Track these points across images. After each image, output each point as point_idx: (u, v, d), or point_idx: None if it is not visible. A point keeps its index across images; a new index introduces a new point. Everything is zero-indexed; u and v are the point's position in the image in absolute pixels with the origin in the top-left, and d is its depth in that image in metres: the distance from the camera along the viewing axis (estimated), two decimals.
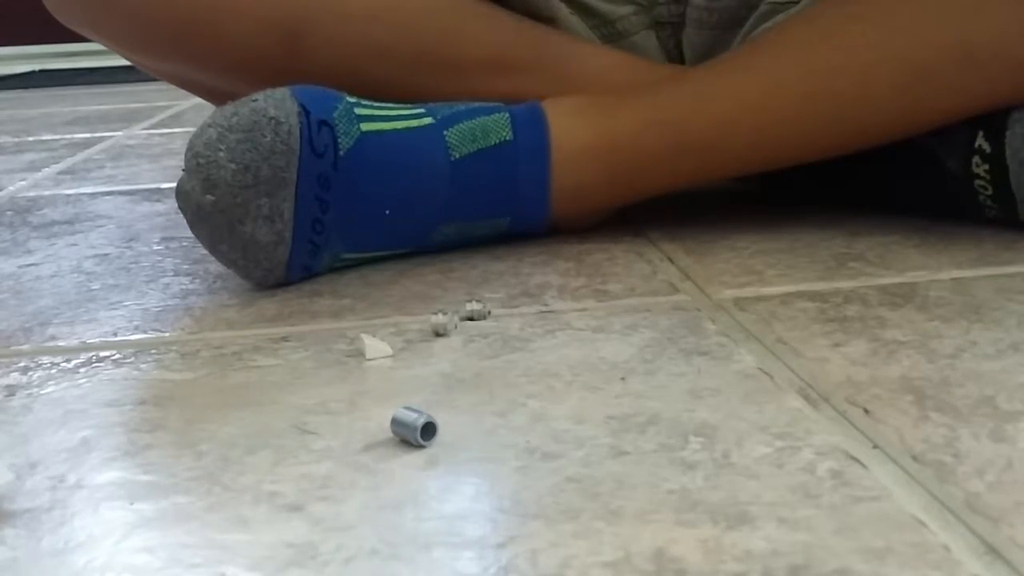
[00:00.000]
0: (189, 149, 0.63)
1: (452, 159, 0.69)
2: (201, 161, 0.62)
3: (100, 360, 0.56)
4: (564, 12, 0.78)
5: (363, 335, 0.55)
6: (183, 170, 0.63)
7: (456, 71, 0.73)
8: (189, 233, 0.65)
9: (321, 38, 0.71)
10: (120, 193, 1.05)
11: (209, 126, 0.63)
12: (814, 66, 0.68)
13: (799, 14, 0.71)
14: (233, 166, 0.62)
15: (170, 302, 0.66)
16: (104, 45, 0.81)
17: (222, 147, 0.62)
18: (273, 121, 0.63)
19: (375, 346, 0.54)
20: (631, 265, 0.68)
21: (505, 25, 0.75)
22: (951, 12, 0.65)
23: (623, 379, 0.49)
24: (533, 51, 0.75)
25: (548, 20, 0.78)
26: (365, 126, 0.67)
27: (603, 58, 0.76)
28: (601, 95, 0.72)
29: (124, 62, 0.84)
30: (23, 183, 1.15)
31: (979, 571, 0.32)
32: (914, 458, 0.40)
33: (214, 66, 0.67)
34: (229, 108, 0.63)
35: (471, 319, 0.58)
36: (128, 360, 0.55)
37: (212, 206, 0.62)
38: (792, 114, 0.68)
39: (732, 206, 0.83)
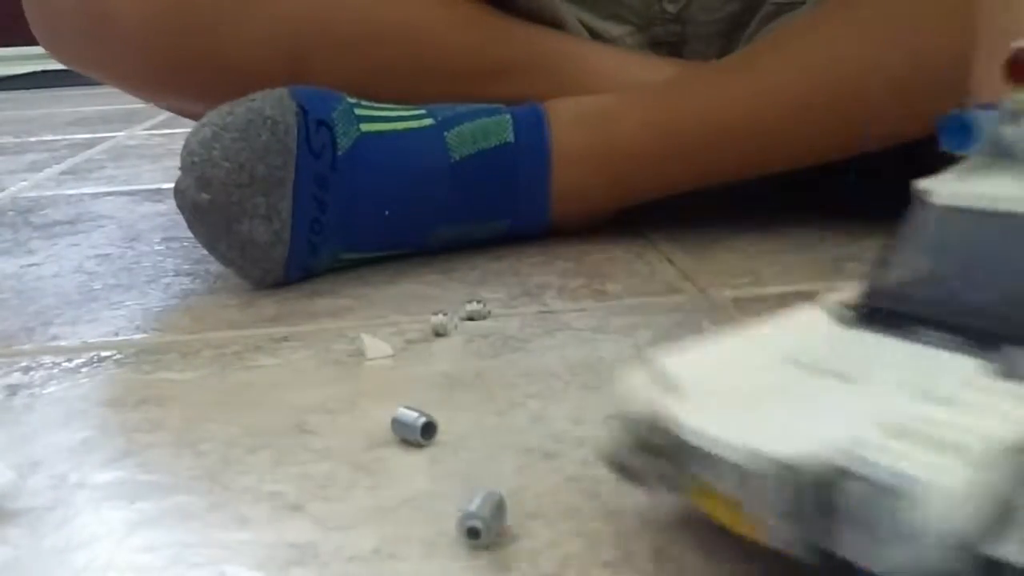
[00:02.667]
0: (185, 147, 0.63)
1: (452, 161, 0.69)
2: (195, 159, 0.62)
3: (102, 360, 0.56)
4: (571, 18, 0.78)
5: (363, 335, 0.55)
6: (179, 168, 0.63)
7: (459, 79, 0.73)
8: (190, 233, 0.66)
9: (324, 61, 0.71)
10: (121, 193, 1.05)
11: (205, 125, 0.63)
12: (813, 75, 0.68)
13: (801, 20, 0.71)
14: (227, 164, 0.62)
15: (171, 302, 0.66)
16: (104, 82, 0.80)
17: (216, 145, 0.62)
18: (269, 120, 0.63)
19: (375, 346, 0.54)
20: (630, 265, 0.68)
21: (507, 31, 0.75)
22: (952, 25, 0.65)
23: None
24: (535, 54, 0.75)
25: (554, 26, 0.78)
26: (365, 126, 0.67)
27: (605, 58, 0.76)
28: (602, 96, 0.72)
29: None
30: (25, 183, 1.15)
31: None
32: None
33: (218, 96, 0.67)
34: (226, 107, 0.64)
35: (471, 319, 0.59)
36: (129, 360, 0.56)
37: (208, 204, 0.62)
38: (790, 121, 0.68)
39: (732, 206, 0.83)
